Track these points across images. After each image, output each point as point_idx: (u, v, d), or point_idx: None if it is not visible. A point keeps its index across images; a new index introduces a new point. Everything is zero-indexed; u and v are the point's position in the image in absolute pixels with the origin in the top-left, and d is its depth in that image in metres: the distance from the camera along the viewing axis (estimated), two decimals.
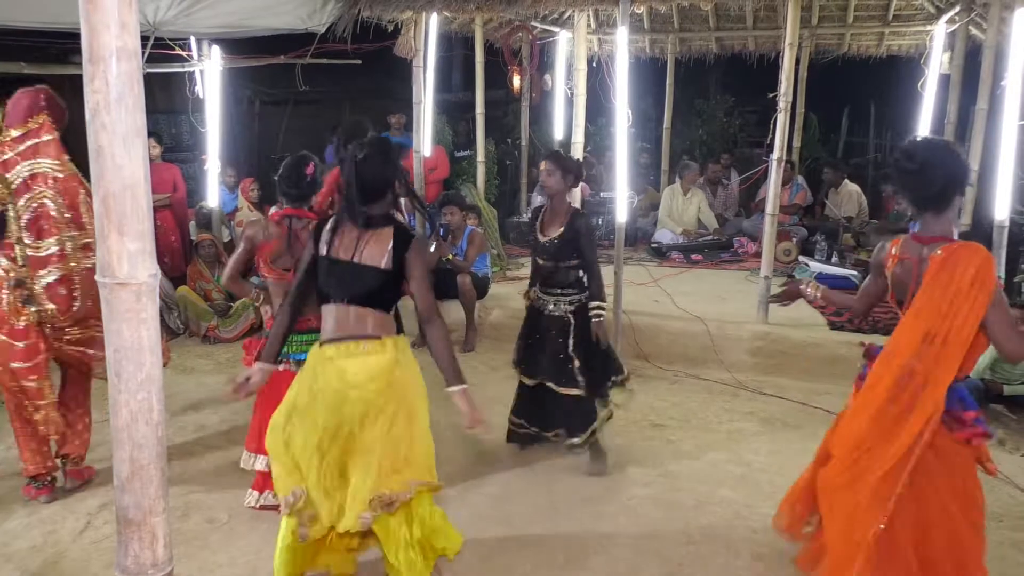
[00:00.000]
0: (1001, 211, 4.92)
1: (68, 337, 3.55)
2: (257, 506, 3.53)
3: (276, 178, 3.58)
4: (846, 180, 8.34)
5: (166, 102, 10.93)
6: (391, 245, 2.71)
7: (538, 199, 9.23)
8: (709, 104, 12.17)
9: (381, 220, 2.75)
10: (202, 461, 4.08)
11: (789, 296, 3.23)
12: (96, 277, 1.33)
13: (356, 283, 2.72)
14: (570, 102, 6.93)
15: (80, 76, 1.25)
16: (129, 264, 1.29)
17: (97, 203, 1.26)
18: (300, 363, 3.40)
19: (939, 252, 2.47)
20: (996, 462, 4.03)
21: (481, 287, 6.15)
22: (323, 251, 2.75)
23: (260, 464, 3.51)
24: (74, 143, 3.22)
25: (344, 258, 2.71)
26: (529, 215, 8.57)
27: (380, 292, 2.74)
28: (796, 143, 9.21)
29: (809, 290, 3.04)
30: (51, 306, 3.37)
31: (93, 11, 1.20)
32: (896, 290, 2.67)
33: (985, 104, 5.36)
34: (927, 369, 2.46)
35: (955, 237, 2.57)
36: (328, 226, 2.78)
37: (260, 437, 3.47)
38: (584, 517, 3.47)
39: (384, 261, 2.70)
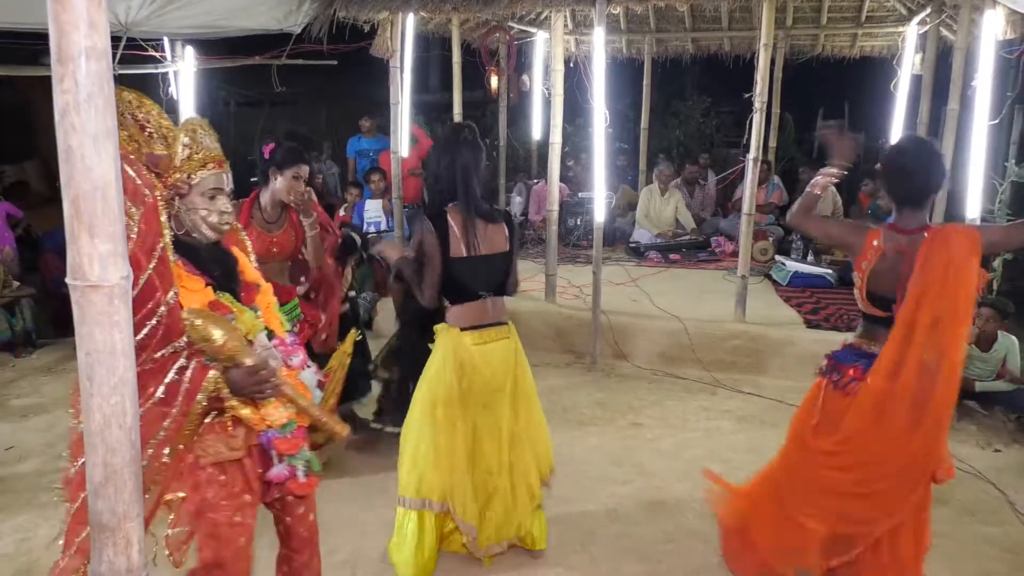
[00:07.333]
0: (972, 210, 4.99)
1: None
2: None
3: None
4: None
5: None
6: (507, 232, 2.99)
7: (517, 199, 9.25)
8: (686, 104, 12.25)
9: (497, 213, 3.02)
10: None
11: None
12: (67, 279, 1.30)
13: (497, 274, 3.00)
14: (548, 102, 6.94)
15: (51, 78, 1.24)
16: (100, 266, 1.27)
17: (67, 205, 1.24)
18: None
19: (926, 236, 2.53)
20: (969, 458, 4.13)
21: None
22: (462, 252, 2.88)
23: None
24: (46, 145, 3.18)
25: (484, 252, 2.92)
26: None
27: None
28: (772, 143, 9.27)
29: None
30: None
31: (61, 11, 1.18)
32: (877, 283, 2.62)
33: (956, 104, 5.42)
34: (941, 356, 2.44)
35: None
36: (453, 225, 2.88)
37: None
38: (563, 516, 3.48)
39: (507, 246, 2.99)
